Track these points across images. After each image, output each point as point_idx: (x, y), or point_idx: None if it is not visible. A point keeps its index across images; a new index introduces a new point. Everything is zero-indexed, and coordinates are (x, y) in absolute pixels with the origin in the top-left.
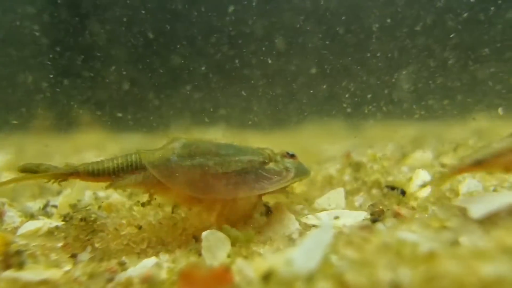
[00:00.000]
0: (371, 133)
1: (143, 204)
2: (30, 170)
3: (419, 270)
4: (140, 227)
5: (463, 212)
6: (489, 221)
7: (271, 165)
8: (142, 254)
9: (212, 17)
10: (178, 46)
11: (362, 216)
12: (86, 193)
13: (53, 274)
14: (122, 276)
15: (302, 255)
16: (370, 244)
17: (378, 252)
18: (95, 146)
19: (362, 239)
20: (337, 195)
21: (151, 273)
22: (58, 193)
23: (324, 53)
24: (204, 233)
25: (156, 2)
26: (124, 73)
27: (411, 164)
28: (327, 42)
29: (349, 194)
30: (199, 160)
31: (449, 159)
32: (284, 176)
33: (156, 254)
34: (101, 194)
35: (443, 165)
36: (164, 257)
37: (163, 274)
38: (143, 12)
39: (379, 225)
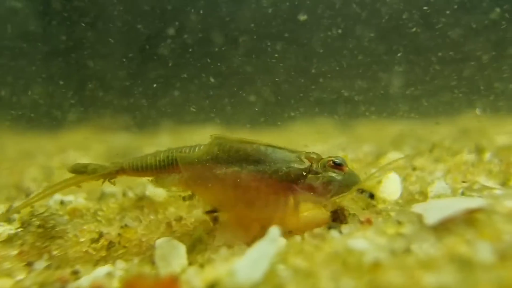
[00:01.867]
0: (360, 133)
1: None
2: (78, 171)
3: (362, 280)
4: (101, 233)
5: (420, 218)
6: (443, 227)
7: (310, 177)
8: (101, 261)
9: (202, 15)
10: (167, 44)
11: None
12: (53, 197)
13: (3, 284)
14: (73, 286)
15: (246, 266)
16: (321, 252)
17: (325, 262)
18: (79, 145)
19: (314, 247)
20: None
21: (101, 282)
22: (27, 195)
23: (314, 52)
24: (158, 241)
25: (146, 2)
26: (111, 71)
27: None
28: (318, 42)
29: None
30: (234, 168)
31: (424, 160)
32: (321, 194)
33: (113, 262)
34: (69, 198)
35: (413, 168)
36: (121, 265)
37: (115, 283)
38: (130, 10)
39: (334, 232)
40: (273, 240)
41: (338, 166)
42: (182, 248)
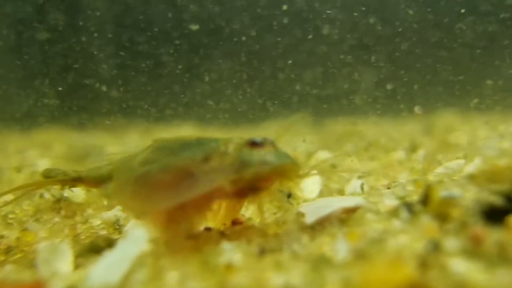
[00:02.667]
0: (332, 131)
1: None
2: (47, 176)
3: (211, 282)
4: (1, 237)
5: (303, 218)
6: (321, 226)
7: (215, 159)
8: None
9: (179, 13)
10: (142, 41)
11: None
12: None
13: None
14: None
15: (102, 269)
16: (193, 253)
17: (185, 263)
18: (41, 145)
19: (190, 247)
20: None
21: None
22: None
23: (291, 50)
24: (41, 245)
25: None
26: (85, 68)
27: (308, 164)
28: (296, 40)
29: None
30: (148, 167)
31: (357, 158)
32: (226, 173)
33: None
34: None
35: (333, 165)
36: (8, 269)
37: None
38: (105, 7)
39: (214, 233)
40: (135, 242)
41: (256, 144)
42: (67, 252)
